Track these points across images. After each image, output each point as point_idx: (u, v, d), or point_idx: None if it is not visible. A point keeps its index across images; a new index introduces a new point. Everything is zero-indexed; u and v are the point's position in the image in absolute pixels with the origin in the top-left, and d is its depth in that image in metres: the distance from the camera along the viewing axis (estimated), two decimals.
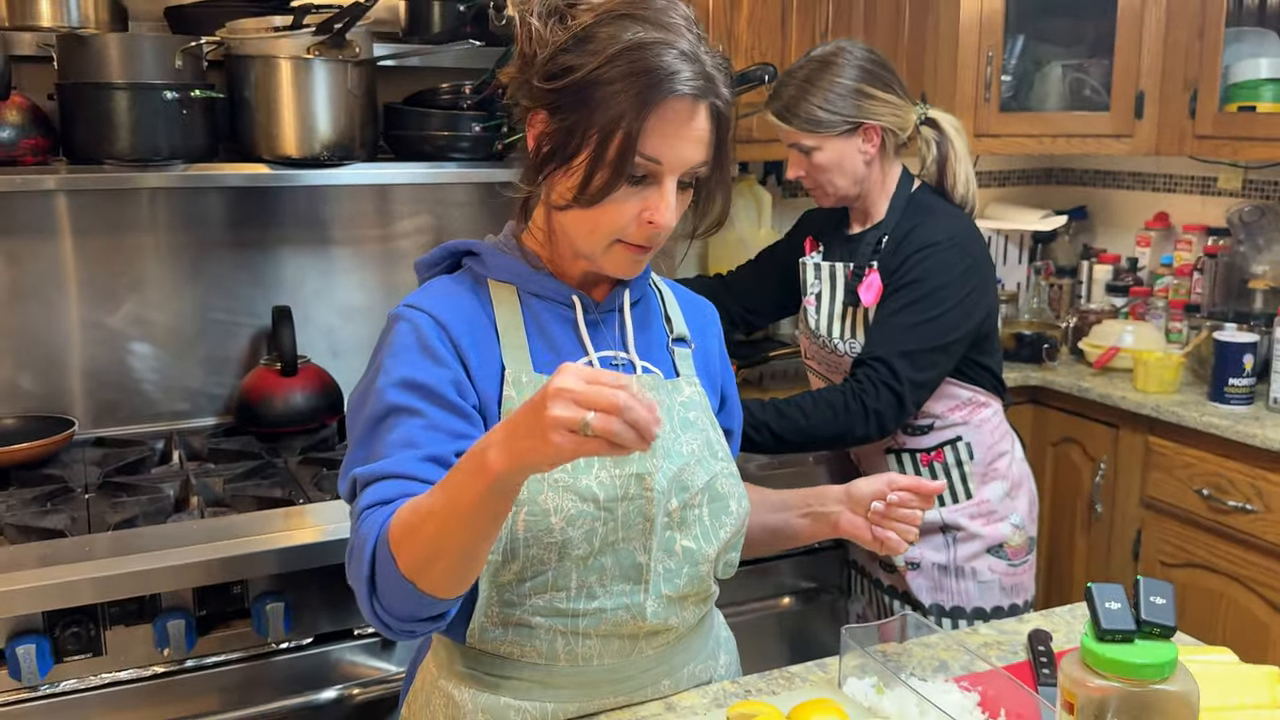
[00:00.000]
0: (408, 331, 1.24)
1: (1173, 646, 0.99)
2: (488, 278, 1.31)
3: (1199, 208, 3.30)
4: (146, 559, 1.75)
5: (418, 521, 1.07)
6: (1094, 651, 0.98)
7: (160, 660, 1.80)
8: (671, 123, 1.17)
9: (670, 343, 1.40)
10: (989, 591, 2.12)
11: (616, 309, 1.35)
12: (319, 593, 1.89)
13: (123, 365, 2.45)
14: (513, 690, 1.30)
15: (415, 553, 1.07)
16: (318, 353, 2.57)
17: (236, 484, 2.09)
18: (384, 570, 1.10)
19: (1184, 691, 0.98)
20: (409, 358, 1.22)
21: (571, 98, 1.18)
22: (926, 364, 1.98)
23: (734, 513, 1.35)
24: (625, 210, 1.20)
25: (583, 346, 1.31)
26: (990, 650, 1.48)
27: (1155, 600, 0.99)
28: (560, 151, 1.19)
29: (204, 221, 2.48)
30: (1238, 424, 2.52)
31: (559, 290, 1.31)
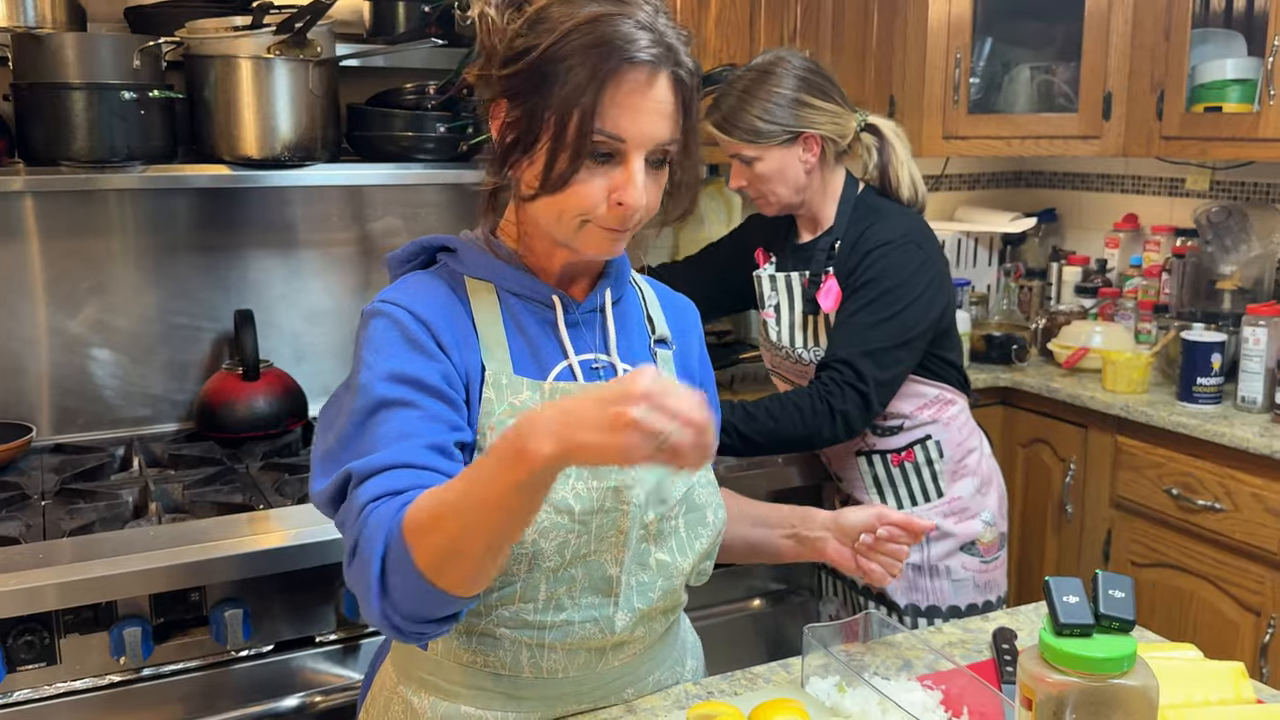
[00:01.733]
0: (388, 326, 1.19)
1: (1131, 640, 0.98)
2: (464, 275, 1.26)
3: (1167, 209, 3.31)
4: (102, 565, 1.71)
5: (438, 514, 1.02)
6: (1052, 646, 0.96)
7: (116, 669, 1.77)
8: (630, 94, 1.13)
9: (652, 344, 1.36)
10: (963, 589, 2.12)
11: (598, 309, 1.30)
12: (280, 599, 1.86)
13: (83, 371, 2.41)
14: (473, 700, 1.27)
15: (435, 547, 1.02)
16: (282, 357, 2.54)
17: (196, 490, 2.06)
18: (398, 567, 1.04)
19: (1143, 686, 0.97)
20: (394, 350, 1.17)
21: (528, 80, 1.14)
22: (890, 362, 1.98)
23: (710, 524, 1.33)
24: (592, 192, 1.15)
25: (562, 349, 1.27)
26: (955, 649, 1.47)
27: (1114, 594, 0.98)
28: (523, 138, 1.16)
29: (167, 225, 2.45)
30: (1206, 423, 2.52)
31: (538, 289, 1.26)
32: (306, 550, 1.83)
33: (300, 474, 2.14)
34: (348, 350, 2.64)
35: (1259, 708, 1.28)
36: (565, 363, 1.26)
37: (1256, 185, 3.05)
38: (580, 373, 1.27)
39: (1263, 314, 2.60)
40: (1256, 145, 2.67)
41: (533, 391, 1.22)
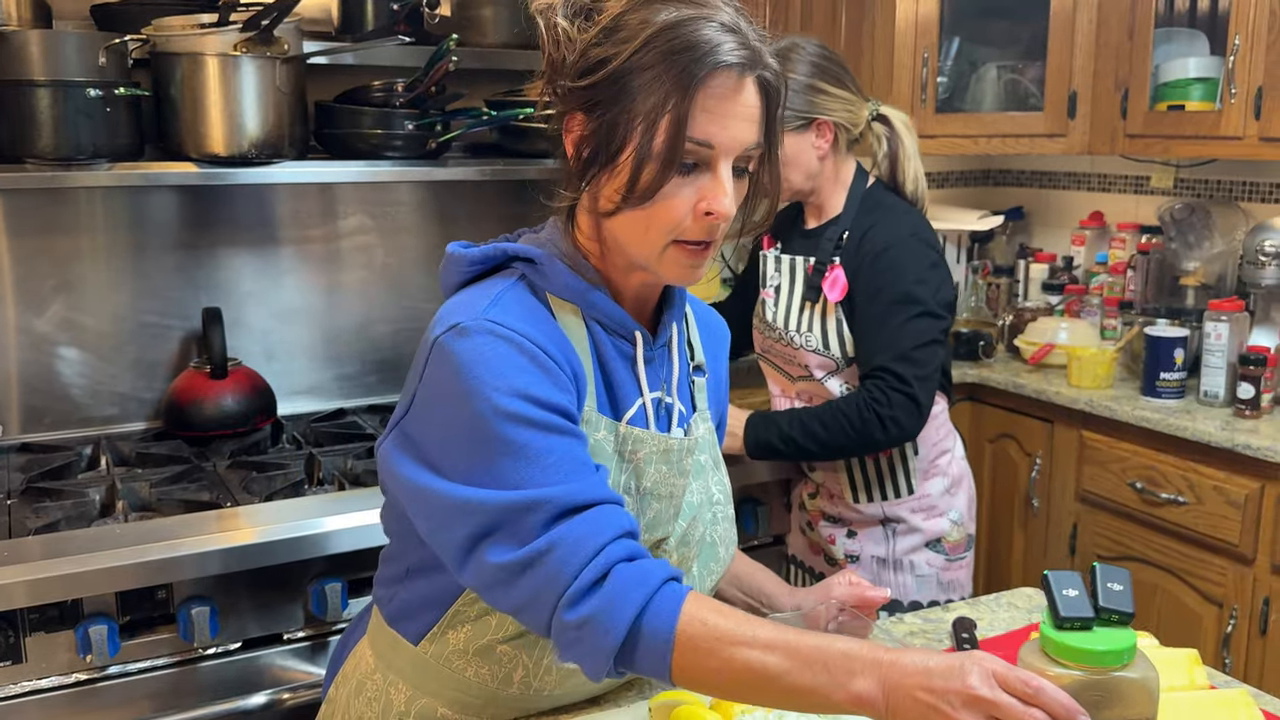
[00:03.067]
0: (512, 352, 1.10)
1: (1131, 633, 0.98)
2: (547, 291, 1.19)
3: (1133, 207, 3.35)
4: (69, 563, 1.71)
5: (737, 648, 1.00)
6: (1053, 639, 0.97)
7: (83, 667, 1.77)
8: (720, 99, 1.08)
9: (691, 371, 1.33)
10: (926, 586, 2.13)
11: (666, 344, 1.27)
12: (247, 597, 1.86)
13: (50, 370, 2.40)
14: (452, 703, 1.27)
15: (709, 672, 1.02)
16: (251, 356, 2.54)
17: (163, 488, 2.06)
18: (650, 655, 1.03)
19: (1144, 677, 0.98)
20: (535, 377, 1.10)
21: (608, 91, 1.10)
22: (927, 358, 1.99)
23: (722, 559, 1.34)
24: (680, 204, 1.10)
25: (639, 387, 1.22)
26: (916, 638, 1.49)
27: (1113, 587, 0.99)
28: (603, 151, 1.11)
29: (134, 223, 2.44)
30: (1169, 417, 2.56)
31: (624, 323, 1.20)
32: (274, 547, 1.83)
33: (269, 471, 2.14)
34: (318, 349, 2.64)
35: (1212, 694, 1.30)
36: (640, 402, 1.22)
37: (1220, 183, 3.09)
38: (652, 414, 1.23)
39: (1224, 309, 2.63)
40: (1218, 143, 2.70)
41: (609, 432, 1.18)
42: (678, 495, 1.24)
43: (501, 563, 1.06)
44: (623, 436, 1.19)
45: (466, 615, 1.21)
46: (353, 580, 1.90)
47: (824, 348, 2.09)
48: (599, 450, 1.18)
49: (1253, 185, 3.01)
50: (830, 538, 2.17)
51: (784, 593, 1.48)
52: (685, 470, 1.24)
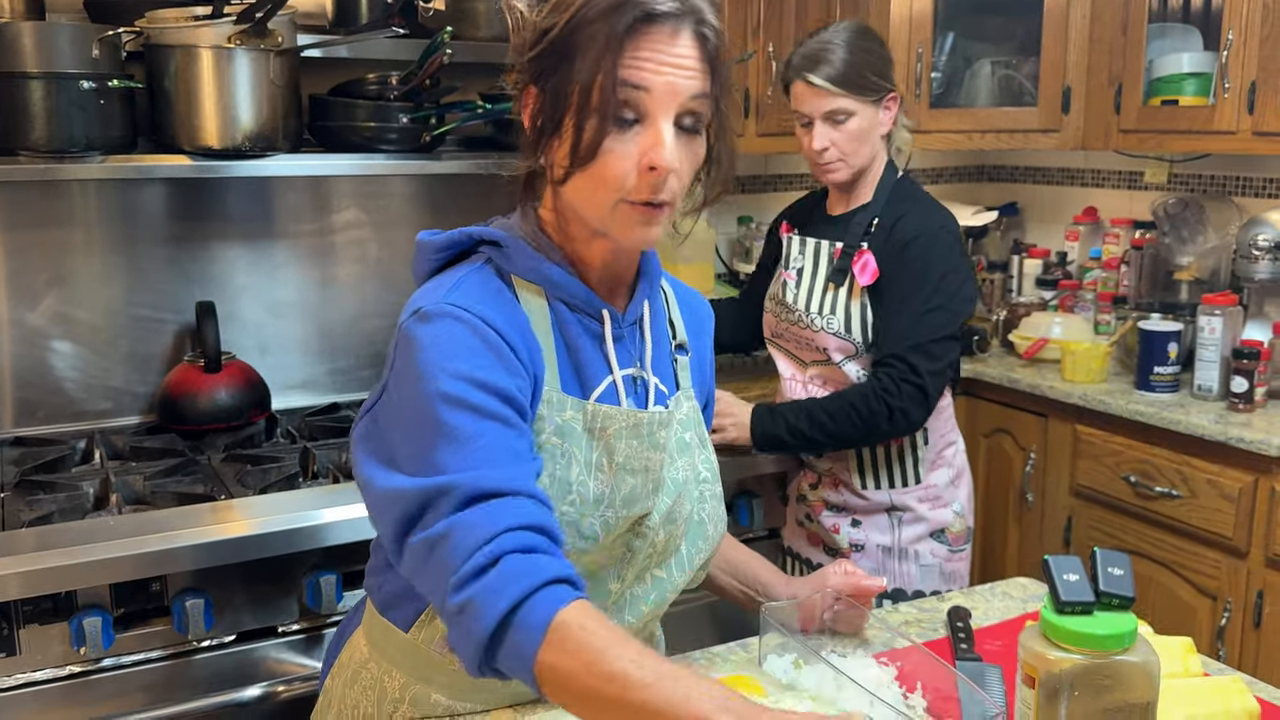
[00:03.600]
0: (467, 333, 1.12)
1: (1132, 617, 0.98)
2: (511, 274, 1.20)
3: (1126, 202, 3.35)
4: (62, 555, 1.71)
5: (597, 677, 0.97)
6: (1054, 624, 0.96)
7: (77, 659, 1.76)
8: (652, 49, 1.08)
9: (673, 350, 1.34)
10: (929, 575, 2.14)
11: (637, 321, 1.27)
12: (242, 589, 1.86)
13: (44, 364, 2.39)
14: (445, 689, 1.27)
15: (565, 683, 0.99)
16: (245, 349, 2.53)
17: (157, 481, 2.05)
18: (515, 658, 1.00)
19: (1145, 662, 0.98)
20: (483, 361, 1.11)
21: (550, 59, 1.12)
22: (940, 352, 2.01)
23: (710, 538, 1.33)
24: (622, 160, 1.10)
25: (608, 364, 1.23)
26: (911, 627, 1.49)
27: (1113, 571, 0.99)
28: (550, 118, 1.13)
29: (128, 215, 2.43)
30: (1163, 411, 2.56)
31: (589, 301, 1.21)
32: (269, 540, 1.83)
33: (264, 464, 2.14)
34: (312, 342, 2.64)
35: (1206, 680, 1.31)
36: (609, 379, 1.23)
37: (1213, 178, 3.09)
38: (623, 389, 1.23)
39: (1218, 303, 2.64)
40: (1212, 138, 2.71)
41: (576, 411, 1.19)
42: (655, 470, 1.23)
43: (414, 546, 1.07)
44: (591, 414, 1.19)
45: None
46: (347, 573, 1.90)
47: (845, 331, 2.09)
48: (567, 429, 1.18)
49: (1246, 180, 3.02)
50: (834, 527, 2.18)
51: (780, 581, 1.48)
52: (660, 444, 1.23)
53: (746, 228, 3.30)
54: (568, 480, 1.17)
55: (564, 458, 1.18)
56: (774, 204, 3.39)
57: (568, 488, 1.17)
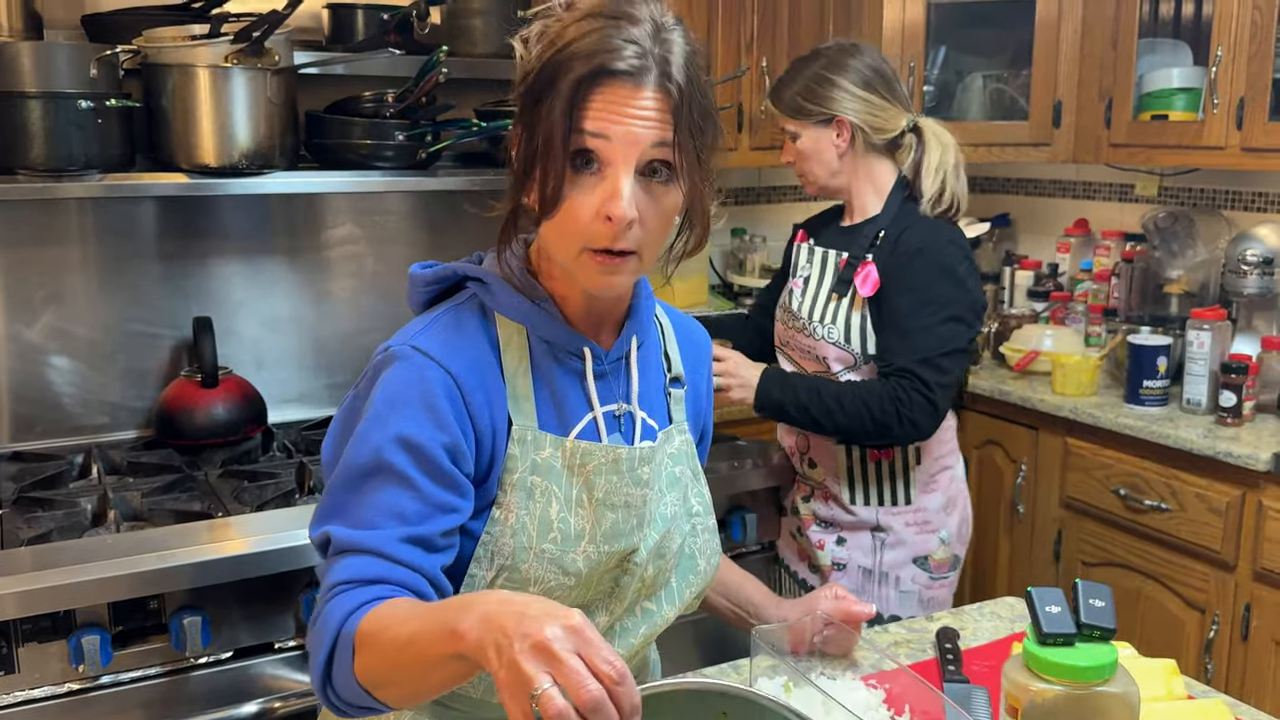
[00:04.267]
0: (413, 381, 1.15)
1: (1113, 649, 1.00)
2: (495, 312, 1.22)
3: (1118, 214, 3.38)
4: (61, 574, 1.72)
5: (384, 643, 1.02)
6: (1036, 655, 0.99)
7: (75, 677, 1.78)
8: (613, 101, 1.09)
9: (667, 384, 1.34)
10: (908, 601, 2.15)
11: (624, 357, 1.27)
12: (238, 606, 1.87)
13: (41, 379, 2.41)
14: (435, 714, 1.28)
15: (373, 669, 1.03)
16: (241, 364, 2.55)
17: (154, 498, 2.07)
18: (340, 665, 1.05)
19: (1125, 692, 1.00)
20: (410, 412, 1.14)
21: (527, 99, 1.14)
22: (950, 365, 2.03)
23: (702, 572, 1.34)
24: (582, 209, 1.11)
25: (588, 401, 1.24)
26: (899, 648, 1.51)
27: (1094, 603, 1.01)
28: (525, 159, 1.14)
29: (125, 232, 2.45)
30: (1152, 425, 2.58)
31: (571, 340, 1.22)
32: (265, 557, 1.84)
33: (260, 480, 2.15)
34: (308, 357, 2.65)
35: (1189, 704, 1.33)
36: (589, 416, 1.24)
37: (1203, 191, 3.12)
38: (604, 426, 1.24)
39: (1206, 318, 2.66)
40: (1201, 152, 2.74)
41: (554, 449, 1.20)
42: (637, 505, 1.24)
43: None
44: (570, 450, 1.21)
45: None
46: None
47: (845, 341, 2.11)
48: (546, 467, 1.20)
49: (1235, 194, 3.04)
50: (819, 543, 2.19)
51: (771, 604, 1.50)
52: (642, 480, 1.24)
53: (740, 240, 3.32)
54: (548, 517, 1.19)
55: (543, 495, 1.19)
56: (767, 216, 3.42)
57: (549, 525, 1.19)
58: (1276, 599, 2.37)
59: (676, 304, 2.96)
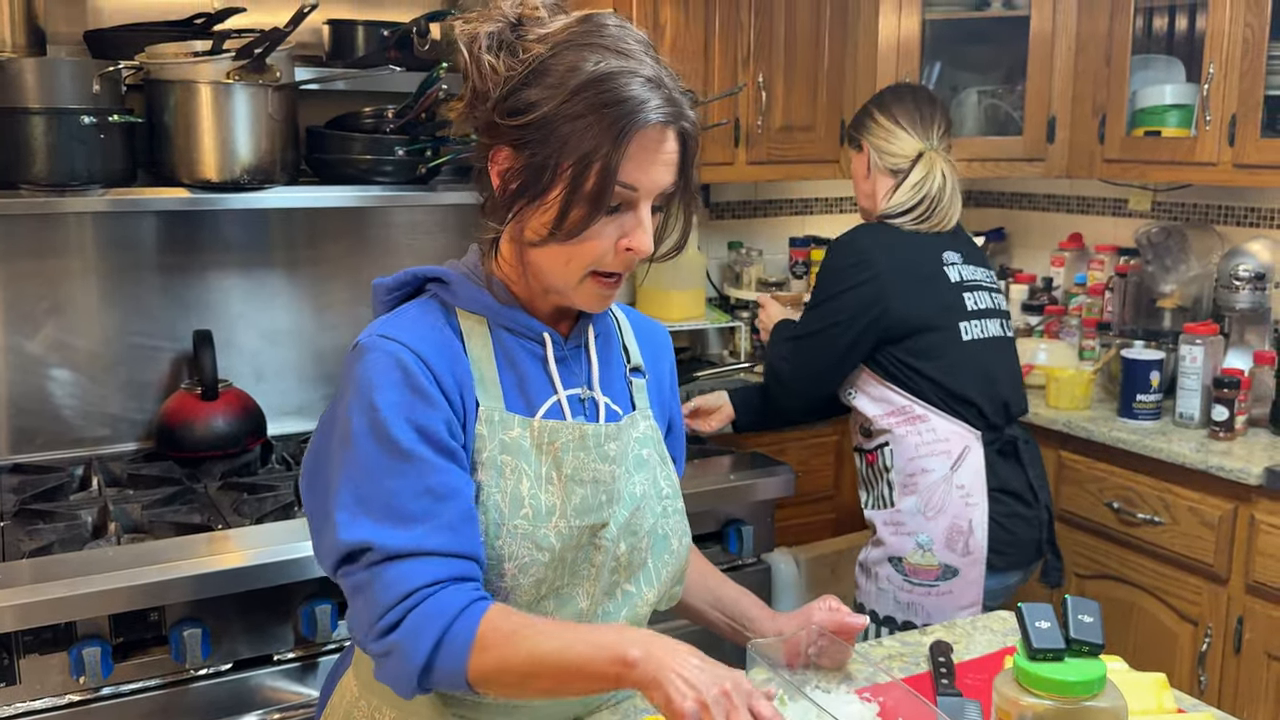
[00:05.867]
0: (391, 366, 1.19)
1: (1101, 664, 1.02)
2: (456, 307, 1.28)
3: (1111, 229, 3.40)
4: (62, 586, 1.74)
5: (519, 652, 1.11)
6: (1026, 670, 1.00)
7: (76, 688, 1.79)
8: (645, 150, 1.16)
9: (628, 373, 1.39)
10: (884, 599, 2.23)
11: (582, 345, 1.34)
12: (238, 618, 1.89)
13: (42, 391, 2.42)
14: (434, 716, 1.30)
15: (495, 673, 1.12)
16: (241, 377, 2.56)
17: (155, 510, 2.08)
18: (450, 670, 1.13)
19: (1113, 707, 1.01)
20: (398, 396, 1.18)
21: (538, 133, 1.16)
22: (805, 347, 2.25)
23: (675, 551, 1.36)
24: (603, 242, 1.18)
25: (552, 384, 1.29)
26: (893, 661, 1.52)
27: (1083, 619, 1.03)
28: (532, 188, 1.18)
29: (126, 246, 2.47)
30: (1145, 439, 2.60)
31: (530, 326, 1.28)
32: (265, 570, 1.86)
33: (260, 494, 2.17)
34: (307, 369, 2.67)
35: (1180, 717, 1.34)
36: (554, 398, 1.29)
37: (1196, 206, 3.14)
38: (568, 408, 1.30)
39: (1199, 333, 2.68)
40: (1193, 169, 2.76)
41: (523, 429, 1.25)
42: (606, 481, 1.29)
43: (344, 585, 1.20)
44: (537, 430, 1.26)
45: None
46: (342, 602, 1.92)
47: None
48: (515, 447, 1.24)
49: (1228, 209, 3.06)
50: None
51: (766, 617, 1.52)
52: (608, 456, 1.29)
53: (737, 253, 3.34)
54: (519, 494, 1.23)
55: (514, 474, 1.24)
56: (763, 229, 3.44)
57: (520, 501, 1.23)
58: (1269, 612, 2.39)
59: (674, 317, 3.01)
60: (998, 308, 2.32)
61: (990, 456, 2.21)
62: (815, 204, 3.54)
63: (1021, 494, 2.26)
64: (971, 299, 2.26)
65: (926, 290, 2.21)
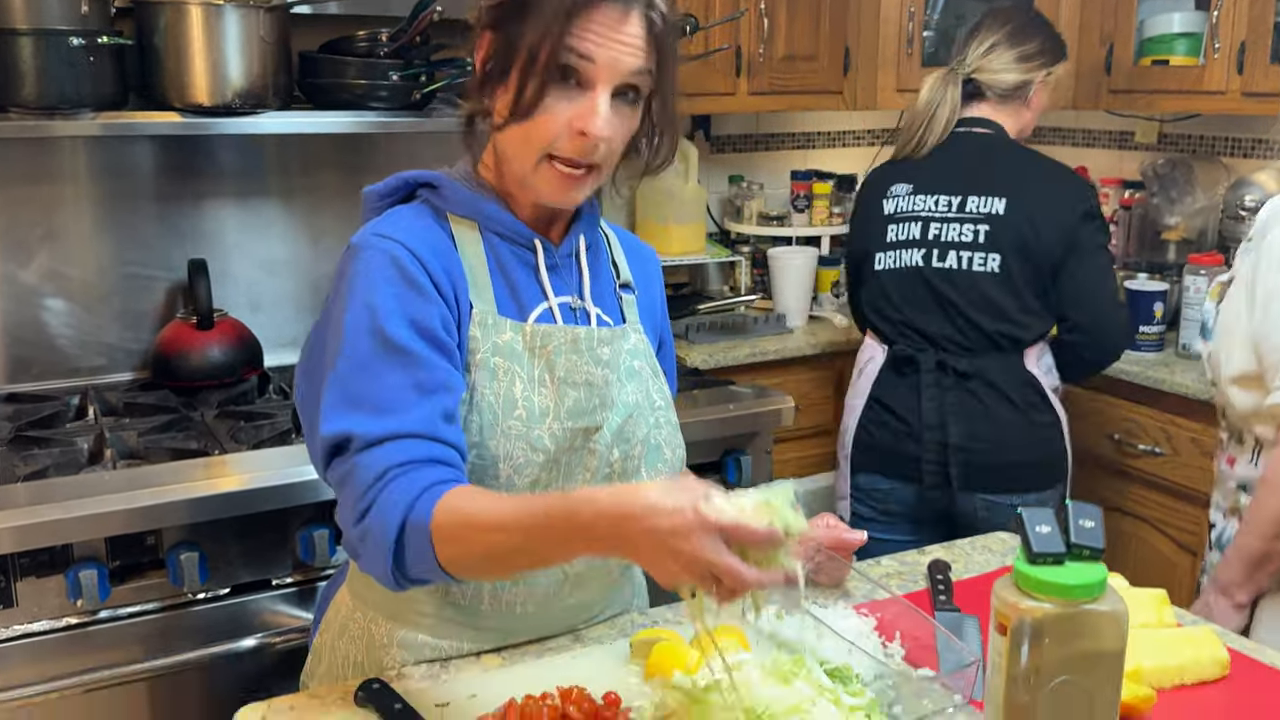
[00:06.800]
0: (385, 262, 1.19)
1: (1102, 567, 1.00)
2: (447, 211, 1.27)
3: (1117, 162, 3.36)
4: (58, 508, 1.73)
5: (479, 533, 1.08)
6: (1026, 574, 0.99)
7: (73, 611, 1.79)
8: (601, 24, 1.16)
9: (617, 288, 1.40)
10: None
11: (573, 254, 1.34)
12: (235, 543, 1.88)
13: (37, 320, 2.40)
14: (432, 629, 1.31)
15: (464, 556, 1.09)
16: (237, 306, 2.54)
17: (151, 437, 2.07)
18: (419, 554, 1.09)
19: (1114, 611, 1.00)
20: (397, 291, 1.18)
21: (509, 10, 1.19)
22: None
23: (669, 461, 1.36)
24: (555, 120, 1.17)
25: (543, 291, 1.29)
26: (891, 579, 1.52)
27: (1084, 524, 1.01)
28: (499, 65, 1.20)
29: (120, 172, 2.43)
30: (1148, 370, 2.59)
31: (521, 232, 1.28)
32: (262, 494, 1.85)
33: (257, 421, 2.16)
34: (304, 299, 2.65)
35: (1178, 630, 1.34)
36: (545, 305, 1.29)
37: (1202, 139, 3.10)
38: (560, 315, 1.30)
39: (1203, 263, 2.66)
40: (1202, 98, 2.72)
41: (515, 333, 1.25)
42: (599, 385, 1.29)
43: (331, 481, 1.19)
44: (530, 334, 1.26)
45: None
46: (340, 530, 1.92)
47: None
48: (508, 349, 1.24)
49: (1235, 140, 3.03)
50: None
51: None
52: (601, 360, 1.30)
53: (738, 186, 3.31)
54: (513, 396, 1.23)
55: (507, 376, 1.24)
56: (764, 163, 3.40)
57: (513, 403, 1.23)
58: None
59: (673, 251, 2.99)
60: (935, 238, 2.29)
61: (884, 372, 2.36)
62: (818, 138, 3.50)
63: (896, 410, 2.33)
64: (895, 230, 2.34)
65: (861, 224, 2.45)
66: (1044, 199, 2.24)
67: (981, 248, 2.24)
